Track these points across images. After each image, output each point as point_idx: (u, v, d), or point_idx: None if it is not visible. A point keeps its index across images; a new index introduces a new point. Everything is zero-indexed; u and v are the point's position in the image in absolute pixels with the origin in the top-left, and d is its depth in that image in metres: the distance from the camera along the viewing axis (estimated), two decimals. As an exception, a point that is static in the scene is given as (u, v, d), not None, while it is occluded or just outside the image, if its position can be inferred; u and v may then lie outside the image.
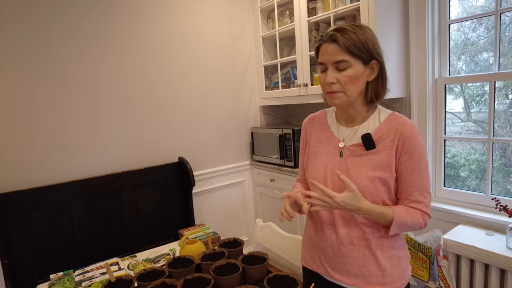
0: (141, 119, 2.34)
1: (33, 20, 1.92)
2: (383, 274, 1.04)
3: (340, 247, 1.06)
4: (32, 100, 1.95)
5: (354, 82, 0.99)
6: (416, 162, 0.99)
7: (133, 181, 2.21)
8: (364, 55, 0.98)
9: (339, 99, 1.01)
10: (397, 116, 1.04)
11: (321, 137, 1.15)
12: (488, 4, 1.83)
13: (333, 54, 0.98)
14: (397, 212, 0.99)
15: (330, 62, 0.99)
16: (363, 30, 0.99)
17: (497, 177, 1.87)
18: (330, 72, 0.99)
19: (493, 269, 1.63)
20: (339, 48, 0.97)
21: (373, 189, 1.00)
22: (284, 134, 2.51)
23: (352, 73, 0.98)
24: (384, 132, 1.02)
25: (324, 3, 2.24)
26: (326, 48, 0.99)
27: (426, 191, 1.02)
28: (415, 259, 1.85)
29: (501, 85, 1.82)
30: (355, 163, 1.03)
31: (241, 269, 1.23)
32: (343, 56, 0.97)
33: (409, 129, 0.99)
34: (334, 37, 0.97)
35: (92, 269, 1.66)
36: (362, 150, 1.03)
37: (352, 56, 0.97)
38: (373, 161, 1.01)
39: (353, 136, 1.07)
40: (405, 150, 0.99)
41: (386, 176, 1.00)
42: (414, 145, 0.99)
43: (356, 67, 0.98)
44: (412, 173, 1.00)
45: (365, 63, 0.99)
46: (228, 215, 2.84)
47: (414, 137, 0.99)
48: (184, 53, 2.50)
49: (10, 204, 1.82)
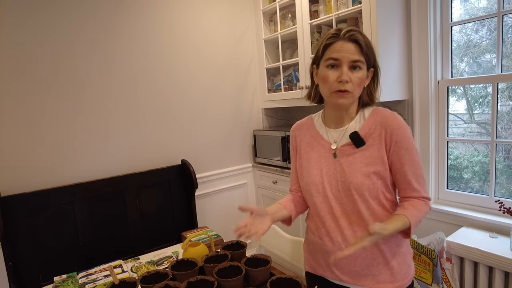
0: (144, 122, 2.35)
1: (37, 23, 1.94)
2: (391, 272, 1.05)
3: None
4: (36, 102, 1.96)
5: (361, 84, 1.02)
6: (408, 150, 1.01)
7: (136, 183, 2.22)
8: (371, 60, 1.02)
9: (348, 99, 1.01)
10: (380, 110, 1.06)
11: (311, 142, 1.16)
12: (490, 6, 1.83)
13: (352, 53, 0.97)
14: (409, 215, 0.99)
15: (347, 60, 0.98)
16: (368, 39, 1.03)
17: (501, 179, 1.87)
18: (346, 69, 0.98)
19: (497, 272, 1.62)
20: (359, 48, 0.98)
21: (370, 184, 1.01)
22: (286, 137, 2.52)
23: (361, 75, 1.00)
24: (370, 127, 1.04)
25: (326, 6, 2.24)
26: (344, 46, 0.98)
27: (420, 177, 1.05)
28: (419, 262, 1.84)
29: (504, 87, 1.81)
30: (349, 162, 1.04)
31: (244, 272, 1.23)
32: (360, 56, 0.98)
33: (394, 121, 1.02)
34: (355, 37, 0.98)
35: (96, 272, 1.66)
36: (352, 149, 1.05)
37: (365, 58, 1.00)
38: (366, 157, 1.03)
39: (343, 137, 1.08)
40: (394, 141, 1.01)
41: (380, 169, 1.02)
42: (401, 134, 1.01)
43: (364, 70, 1.01)
44: (405, 162, 1.02)
45: (368, 68, 1.02)
46: (231, 218, 2.84)
47: (400, 127, 1.01)
48: (186, 55, 2.51)
49: (15, 207, 1.83)
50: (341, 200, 1.06)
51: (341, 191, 1.05)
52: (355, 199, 1.03)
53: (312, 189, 1.11)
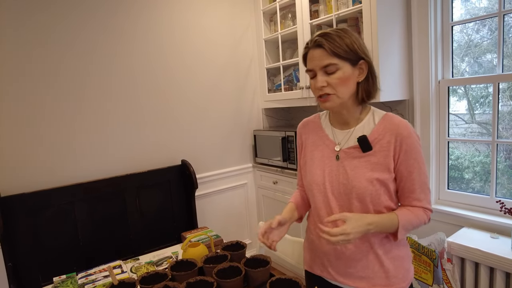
0: (144, 122, 2.35)
1: (37, 23, 1.93)
2: (387, 275, 1.04)
3: (344, 250, 1.06)
4: (36, 102, 1.96)
5: (345, 83, 1.00)
6: (416, 160, 1.01)
7: (136, 184, 2.21)
8: (351, 56, 0.99)
9: (332, 101, 1.02)
10: (391, 117, 1.04)
11: (316, 141, 1.15)
12: (491, 6, 1.82)
13: (320, 59, 0.99)
14: (401, 215, 1.00)
15: (318, 67, 1.01)
16: (347, 33, 1.01)
17: (502, 179, 1.86)
18: (320, 76, 1.01)
19: (498, 273, 1.61)
20: (325, 52, 0.98)
21: (373, 191, 1.00)
22: (286, 137, 2.51)
23: (341, 75, 0.99)
24: (380, 133, 1.03)
25: (327, 6, 2.24)
26: (313, 54, 1.01)
27: (426, 187, 1.04)
28: (419, 262, 1.83)
29: (505, 87, 1.81)
30: (353, 165, 1.04)
31: (244, 272, 1.23)
32: (330, 59, 0.98)
33: (405, 129, 1.00)
34: (319, 42, 0.99)
35: (95, 272, 1.66)
36: (358, 152, 1.04)
37: (339, 58, 0.98)
38: (371, 162, 1.02)
39: (349, 139, 1.07)
40: (404, 150, 1.00)
41: (385, 177, 1.01)
42: (411, 143, 1.00)
43: (344, 69, 0.99)
44: (413, 171, 1.01)
45: (353, 64, 1.00)
46: (231, 218, 2.83)
47: (410, 136, 1.00)
48: (186, 55, 2.51)
49: (14, 207, 1.82)
50: (341, 202, 1.06)
51: (342, 193, 1.05)
52: (354, 203, 1.03)
53: (314, 188, 1.11)
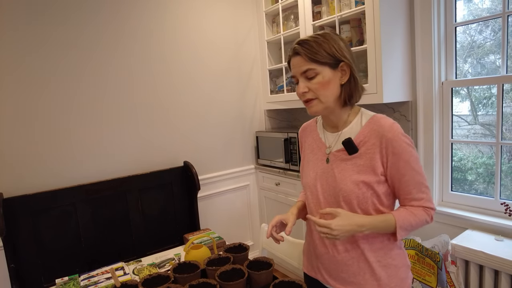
0: (146, 124, 2.35)
1: (37, 25, 1.94)
2: (378, 283, 1.03)
3: (335, 254, 1.06)
4: (38, 104, 1.97)
5: (325, 87, 1.01)
6: (406, 161, 0.98)
7: (138, 185, 2.21)
8: (329, 60, 1.00)
9: (316, 106, 1.04)
10: (378, 118, 1.02)
11: (312, 144, 1.18)
12: (494, 6, 1.81)
13: (299, 65, 1.02)
14: (397, 215, 0.99)
15: (298, 74, 1.03)
16: (325, 37, 1.01)
17: (506, 181, 1.85)
18: (301, 82, 1.03)
19: (503, 275, 1.60)
20: (302, 59, 1.01)
21: (359, 194, 1.00)
22: (289, 138, 2.51)
23: (321, 79, 1.00)
24: (365, 135, 1.02)
25: (329, 7, 2.24)
26: (293, 61, 1.04)
27: (423, 186, 1.01)
28: (423, 265, 1.82)
29: (509, 88, 1.79)
30: (340, 168, 1.04)
31: (247, 275, 1.22)
32: (307, 65, 1.00)
33: (390, 131, 0.98)
34: (296, 50, 1.03)
35: (97, 274, 1.66)
36: (346, 155, 1.04)
37: (316, 63, 1.00)
38: (357, 165, 1.01)
39: (337, 141, 1.08)
40: (392, 153, 0.98)
41: (371, 180, 0.99)
42: (399, 145, 0.97)
43: (324, 73, 1.00)
44: (405, 173, 0.99)
45: (333, 67, 1.01)
46: (233, 219, 2.83)
47: (396, 138, 0.97)
48: (188, 57, 2.51)
49: (17, 208, 1.83)
50: (331, 205, 1.06)
51: (332, 195, 1.05)
52: (343, 206, 1.02)
53: (307, 190, 1.14)
